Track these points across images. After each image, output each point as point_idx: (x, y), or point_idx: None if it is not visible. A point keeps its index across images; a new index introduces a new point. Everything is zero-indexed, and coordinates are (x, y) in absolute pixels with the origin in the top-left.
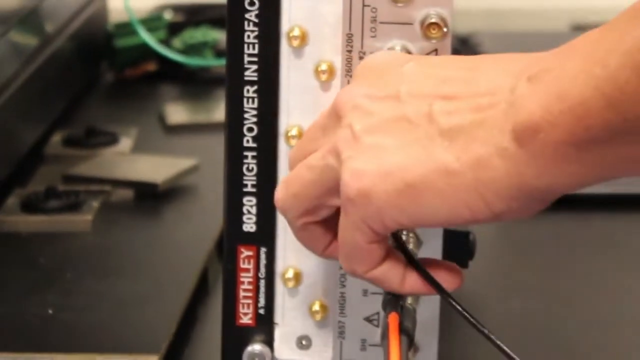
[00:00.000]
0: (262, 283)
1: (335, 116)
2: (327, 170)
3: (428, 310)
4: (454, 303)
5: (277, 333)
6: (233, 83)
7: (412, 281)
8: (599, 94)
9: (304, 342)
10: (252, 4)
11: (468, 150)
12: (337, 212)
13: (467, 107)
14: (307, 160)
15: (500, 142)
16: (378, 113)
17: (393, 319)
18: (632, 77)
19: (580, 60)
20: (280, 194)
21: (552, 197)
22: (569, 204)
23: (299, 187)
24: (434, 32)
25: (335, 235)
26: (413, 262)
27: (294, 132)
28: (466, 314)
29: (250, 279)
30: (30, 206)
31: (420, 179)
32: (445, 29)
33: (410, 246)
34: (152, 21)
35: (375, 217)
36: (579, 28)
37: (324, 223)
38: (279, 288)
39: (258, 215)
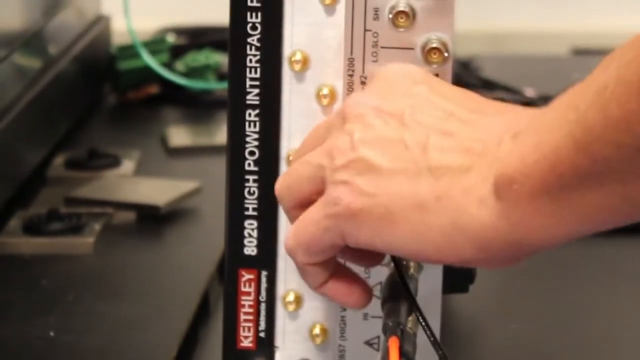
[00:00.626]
0: (263, 306)
1: (341, 118)
2: (318, 169)
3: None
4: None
5: (278, 356)
6: (235, 107)
7: (333, 287)
8: (570, 138)
9: None
10: (254, 28)
11: (449, 194)
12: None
13: (459, 148)
14: (306, 156)
15: (481, 192)
16: (379, 129)
17: (393, 343)
18: (598, 117)
19: (558, 110)
20: (278, 184)
21: (524, 253)
22: None
23: (293, 180)
24: (435, 56)
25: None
26: (407, 289)
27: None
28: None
29: (251, 303)
30: (32, 228)
31: (399, 210)
32: (446, 54)
33: (411, 270)
34: (155, 44)
35: (354, 232)
36: (580, 52)
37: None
38: (280, 311)
39: (259, 238)
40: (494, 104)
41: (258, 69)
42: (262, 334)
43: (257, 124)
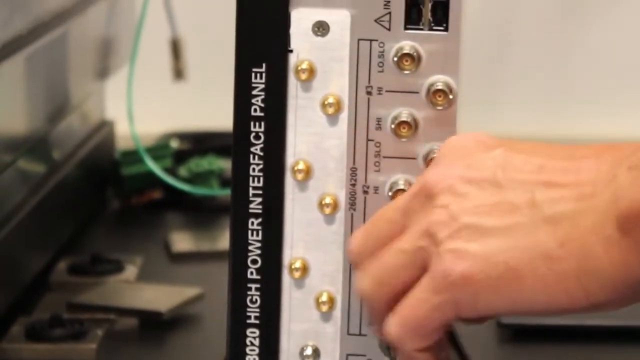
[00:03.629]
0: None
1: (424, 197)
2: (418, 252)
3: None
4: None
5: None
6: (238, 215)
7: None
8: None
9: None
10: (257, 137)
11: (572, 238)
12: None
13: (570, 196)
14: (395, 244)
15: (604, 231)
16: (475, 196)
17: None
18: None
19: None
20: (364, 281)
21: None
22: (576, 335)
23: (385, 274)
24: (439, 99)
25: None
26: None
27: (297, 264)
28: None
29: None
30: (34, 334)
31: (523, 263)
32: (451, 96)
33: None
34: (158, 149)
35: (470, 300)
36: None
37: None
38: None
39: (260, 347)
40: (579, 148)
41: (261, 178)
42: None
43: (260, 232)
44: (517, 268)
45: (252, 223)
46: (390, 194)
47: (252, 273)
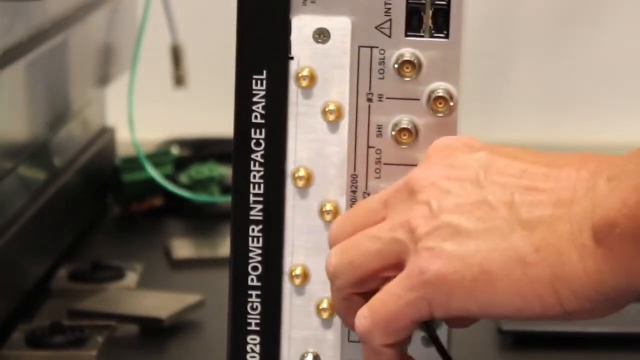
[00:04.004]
0: None
1: (407, 192)
2: (394, 243)
3: None
4: None
5: None
6: (239, 223)
7: None
8: None
9: None
10: (258, 144)
11: (548, 244)
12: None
13: (549, 201)
14: (369, 231)
15: (580, 239)
16: (457, 194)
17: None
18: None
19: None
20: (334, 259)
21: (627, 300)
22: (577, 343)
23: (356, 256)
24: (440, 106)
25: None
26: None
27: (298, 271)
28: None
29: None
30: (35, 341)
31: (498, 267)
32: (451, 103)
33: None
34: (159, 156)
35: (444, 300)
36: None
37: (366, 296)
38: None
39: (261, 354)
40: (562, 156)
41: (262, 185)
42: None
43: (261, 239)
44: (491, 271)
45: (253, 230)
46: None
47: (252, 280)
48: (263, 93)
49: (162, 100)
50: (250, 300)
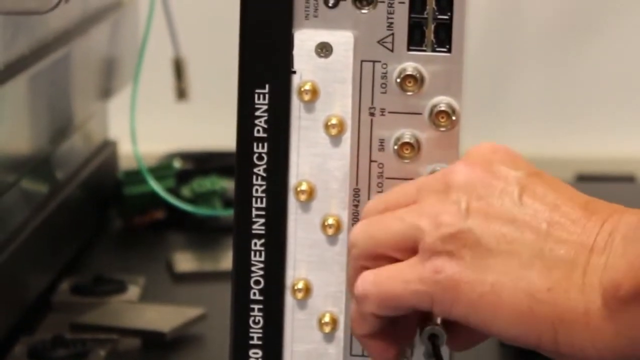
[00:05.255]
0: None
1: (444, 184)
2: (415, 229)
3: None
4: None
5: None
6: (241, 236)
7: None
8: None
9: None
10: (260, 158)
11: (560, 287)
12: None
13: (573, 245)
14: (397, 211)
15: (590, 293)
16: (489, 202)
17: None
18: None
19: None
20: (358, 229)
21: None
22: None
23: (379, 232)
24: (442, 120)
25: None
26: None
27: (300, 285)
28: None
29: None
30: (37, 355)
31: (507, 292)
32: (454, 117)
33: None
34: (161, 169)
35: (447, 303)
36: (584, 178)
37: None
38: None
39: None
40: (593, 201)
41: (264, 199)
42: None
43: (263, 253)
44: (500, 294)
45: (255, 244)
46: None
47: (254, 294)
48: (265, 107)
49: (164, 113)
50: (252, 314)
